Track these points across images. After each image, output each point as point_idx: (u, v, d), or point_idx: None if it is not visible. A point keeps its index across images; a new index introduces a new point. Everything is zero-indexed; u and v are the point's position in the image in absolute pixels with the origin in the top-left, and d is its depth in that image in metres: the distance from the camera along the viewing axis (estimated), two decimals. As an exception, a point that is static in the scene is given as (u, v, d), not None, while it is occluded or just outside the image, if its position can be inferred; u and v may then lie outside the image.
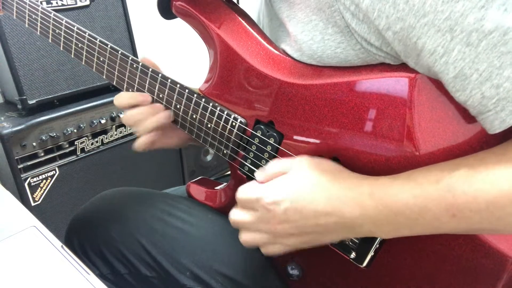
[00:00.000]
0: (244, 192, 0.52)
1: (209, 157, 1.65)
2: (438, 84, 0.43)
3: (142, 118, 0.64)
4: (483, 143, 0.42)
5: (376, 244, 0.50)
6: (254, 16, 0.69)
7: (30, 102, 1.11)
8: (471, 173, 0.39)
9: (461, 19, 0.37)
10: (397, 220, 0.43)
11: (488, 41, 0.36)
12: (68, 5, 1.14)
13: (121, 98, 0.65)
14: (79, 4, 1.17)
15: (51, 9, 0.69)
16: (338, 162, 0.51)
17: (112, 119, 1.28)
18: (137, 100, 0.64)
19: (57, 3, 1.11)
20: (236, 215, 0.53)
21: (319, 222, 0.46)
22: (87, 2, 1.18)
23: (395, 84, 0.45)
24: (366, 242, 0.51)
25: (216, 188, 0.71)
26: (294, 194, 0.47)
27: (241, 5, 0.64)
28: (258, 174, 0.52)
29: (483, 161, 0.40)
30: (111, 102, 1.25)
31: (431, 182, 0.41)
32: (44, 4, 1.06)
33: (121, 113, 1.29)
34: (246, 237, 0.52)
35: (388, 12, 0.41)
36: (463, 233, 0.44)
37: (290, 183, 0.48)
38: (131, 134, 1.35)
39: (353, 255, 0.52)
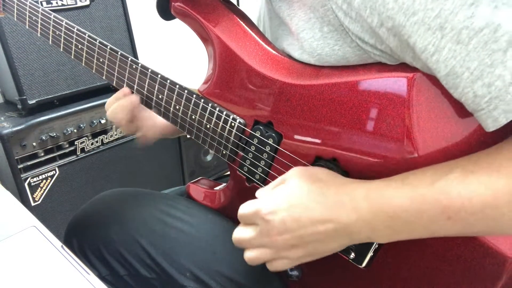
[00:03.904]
0: (243, 208, 0.52)
1: (209, 157, 1.65)
2: (436, 84, 0.42)
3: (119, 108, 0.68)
4: (481, 142, 0.42)
5: (375, 245, 0.50)
6: (254, 16, 0.69)
7: (30, 102, 1.12)
8: (465, 175, 0.39)
9: (451, 16, 0.37)
10: (393, 224, 0.42)
11: (478, 38, 0.36)
12: (68, 5, 1.14)
13: (108, 101, 0.70)
14: (79, 4, 1.16)
15: (51, 9, 0.69)
16: (336, 162, 0.51)
17: (112, 119, 1.28)
18: (119, 96, 0.69)
19: (57, 3, 1.11)
20: (238, 232, 0.52)
21: (318, 229, 0.45)
22: (87, 2, 1.18)
23: (393, 84, 0.45)
24: (365, 243, 0.51)
25: (215, 188, 0.71)
26: (289, 203, 0.47)
27: (241, 5, 0.64)
28: (258, 190, 0.53)
29: (477, 163, 0.40)
30: (111, 102, 1.25)
31: (426, 185, 0.41)
32: (44, 4, 1.07)
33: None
34: (250, 255, 0.51)
35: (379, 10, 0.41)
36: (461, 235, 0.44)
37: (285, 193, 0.48)
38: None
39: (352, 255, 0.52)
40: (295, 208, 0.46)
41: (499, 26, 0.35)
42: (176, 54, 1.76)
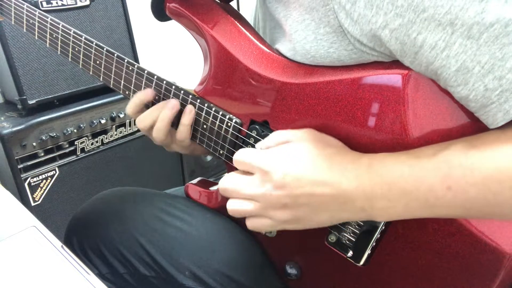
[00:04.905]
0: (242, 154, 0.50)
1: (209, 157, 1.64)
2: (431, 81, 0.43)
3: (155, 114, 0.62)
4: None
5: (372, 242, 0.50)
6: (249, 20, 0.69)
7: (30, 102, 1.12)
8: (468, 147, 0.40)
9: (461, 12, 0.37)
10: (391, 193, 0.42)
11: (489, 33, 0.37)
12: (68, 5, 1.14)
13: (129, 105, 0.65)
14: (79, 4, 1.17)
15: (51, 9, 0.69)
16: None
17: (112, 119, 1.28)
18: (140, 99, 0.64)
19: (57, 3, 1.11)
20: (229, 178, 0.50)
21: (315, 191, 0.45)
22: (87, 2, 1.18)
23: (388, 81, 0.45)
24: (363, 240, 0.51)
25: (213, 188, 0.71)
26: (295, 161, 0.46)
27: (241, 8, 0.64)
28: (259, 143, 0.52)
29: (480, 139, 0.40)
30: (111, 102, 1.26)
31: (427, 155, 0.41)
32: (44, 4, 1.07)
33: (121, 113, 1.29)
34: (234, 205, 0.49)
35: (387, 9, 0.41)
36: (459, 214, 0.43)
37: (293, 151, 0.47)
38: (131, 134, 1.35)
39: (350, 253, 0.53)
40: (300, 166, 0.46)
41: (510, 20, 0.36)
42: (176, 54, 1.76)
